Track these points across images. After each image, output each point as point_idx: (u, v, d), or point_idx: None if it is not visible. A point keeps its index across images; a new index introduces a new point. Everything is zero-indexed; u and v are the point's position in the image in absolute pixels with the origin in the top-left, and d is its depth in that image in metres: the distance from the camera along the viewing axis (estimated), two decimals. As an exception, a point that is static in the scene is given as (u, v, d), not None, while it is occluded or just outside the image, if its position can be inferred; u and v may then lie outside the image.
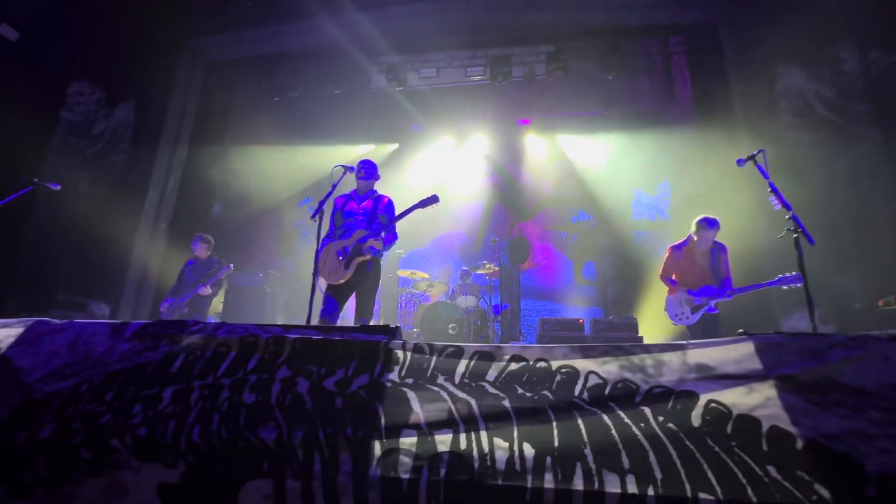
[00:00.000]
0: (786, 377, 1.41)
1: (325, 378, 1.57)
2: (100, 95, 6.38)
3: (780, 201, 2.56)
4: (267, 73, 7.30)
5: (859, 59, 4.97)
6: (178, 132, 6.65)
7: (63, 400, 1.58)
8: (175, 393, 1.56)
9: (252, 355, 1.66)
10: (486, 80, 7.00)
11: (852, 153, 4.89)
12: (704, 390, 1.42)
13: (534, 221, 7.68)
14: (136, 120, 6.38)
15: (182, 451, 1.40)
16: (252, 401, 1.52)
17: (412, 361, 1.60)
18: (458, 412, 1.44)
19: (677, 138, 6.34)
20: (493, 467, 1.29)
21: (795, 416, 1.32)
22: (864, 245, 4.58)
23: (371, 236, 3.29)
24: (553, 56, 6.70)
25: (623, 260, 6.93)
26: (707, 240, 3.91)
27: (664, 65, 6.95)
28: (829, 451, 1.24)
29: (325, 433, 1.40)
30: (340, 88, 7.23)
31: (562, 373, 1.53)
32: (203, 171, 6.65)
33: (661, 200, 7.22)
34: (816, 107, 5.16)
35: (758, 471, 1.23)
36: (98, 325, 1.83)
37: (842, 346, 1.48)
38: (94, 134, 6.30)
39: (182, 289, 4.92)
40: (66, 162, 6.10)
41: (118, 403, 1.54)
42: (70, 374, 1.68)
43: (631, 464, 1.27)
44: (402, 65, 7.00)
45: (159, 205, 6.38)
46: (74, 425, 1.49)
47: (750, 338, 1.54)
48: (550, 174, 7.69)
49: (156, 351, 1.70)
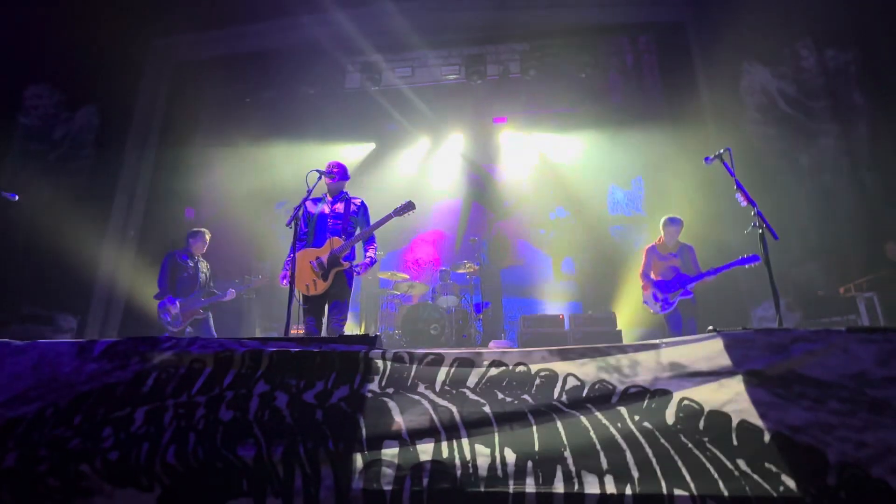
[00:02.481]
0: (753, 372, 1.47)
1: (304, 391, 1.55)
2: (59, 98, 6.11)
3: (745, 198, 2.65)
4: (238, 73, 7.11)
5: (817, 56, 5.18)
6: (145, 136, 6.42)
7: (27, 425, 1.52)
8: (148, 413, 1.52)
9: (228, 371, 1.63)
10: (461, 79, 7.00)
11: (813, 147, 5.10)
12: (678, 388, 1.47)
13: (512, 219, 7.74)
14: (99, 124, 6.12)
15: (157, 474, 1.36)
16: (229, 418, 1.49)
17: (392, 371, 1.59)
18: (440, 420, 1.44)
19: (650, 134, 6.49)
20: (475, 474, 1.31)
21: (763, 409, 1.38)
22: (825, 236, 4.79)
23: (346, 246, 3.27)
24: (527, 54, 6.76)
25: (600, 255, 7.06)
26: (672, 235, 4.28)
27: (635, 63, 7.09)
28: (794, 442, 1.30)
29: (305, 448, 1.38)
30: (315, 88, 7.12)
31: (541, 376, 1.55)
32: (173, 175, 6.45)
33: (635, 195, 7.38)
34: (779, 103, 5.36)
35: (729, 465, 1.28)
36: (63, 345, 1.76)
37: (805, 339, 1.54)
38: (54, 139, 6.03)
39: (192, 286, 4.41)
40: (27, 168, 5.81)
41: (87, 427, 1.49)
42: (34, 397, 1.61)
43: (609, 464, 1.30)
44: (377, 64, 6.93)
45: (127, 211, 6.15)
46: (40, 452, 1.43)
47: (719, 335, 1.59)
48: (527, 172, 7.76)
49: (126, 370, 1.65)
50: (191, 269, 4.55)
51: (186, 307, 4.39)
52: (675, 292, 4.10)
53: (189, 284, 4.49)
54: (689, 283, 4.05)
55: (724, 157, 2.82)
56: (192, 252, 4.63)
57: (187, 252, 4.62)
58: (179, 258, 4.57)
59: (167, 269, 4.51)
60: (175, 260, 4.56)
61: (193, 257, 4.63)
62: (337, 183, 3.48)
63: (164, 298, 4.39)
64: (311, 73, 7.04)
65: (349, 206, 3.47)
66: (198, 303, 4.42)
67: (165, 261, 4.56)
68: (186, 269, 4.53)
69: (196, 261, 4.63)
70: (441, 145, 7.92)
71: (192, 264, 4.59)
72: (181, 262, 4.55)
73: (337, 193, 3.52)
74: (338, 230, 3.37)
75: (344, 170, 3.54)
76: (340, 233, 3.36)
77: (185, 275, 4.51)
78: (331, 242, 3.28)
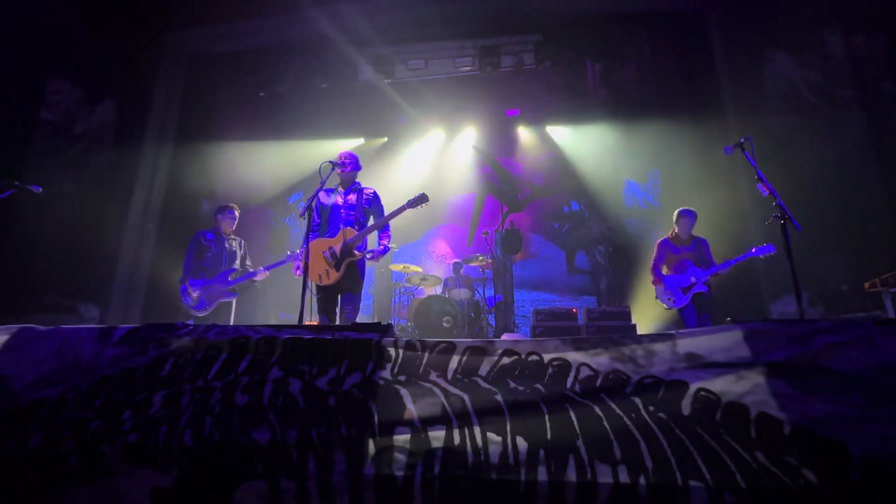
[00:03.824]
0: (773, 364, 1.43)
1: (317, 378, 1.56)
2: (80, 94, 6.24)
3: (767, 188, 2.58)
4: (252, 67, 7.17)
5: (844, 43, 4.99)
6: (162, 130, 6.53)
7: (50, 407, 1.56)
8: (165, 397, 1.55)
9: (243, 357, 1.65)
10: (474, 70, 6.95)
11: (839, 138, 4.93)
12: (694, 379, 1.44)
13: (525, 212, 7.69)
14: (118, 118, 6.25)
15: (175, 456, 1.39)
16: (244, 402, 1.51)
17: (404, 358, 1.60)
18: (452, 408, 1.44)
19: (666, 126, 6.35)
20: (486, 462, 1.30)
21: (783, 401, 1.34)
22: (850, 228, 4.64)
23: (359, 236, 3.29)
24: (541, 45, 6.66)
25: (615, 248, 6.97)
26: (686, 228, 4.20)
27: (652, 52, 6.93)
28: (816, 435, 1.26)
29: (318, 433, 1.40)
30: (327, 81, 7.15)
31: (553, 366, 1.54)
32: (189, 168, 6.55)
33: (651, 188, 7.26)
34: (803, 92, 5.19)
35: (746, 457, 1.25)
36: (85, 331, 1.81)
37: (827, 331, 1.50)
38: (76, 134, 6.17)
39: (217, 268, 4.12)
40: (50, 163, 5.97)
41: (107, 409, 1.53)
42: (57, 380, 1.66)
43: (623, 454, 1.29)
44: (390, 56, 6.91)
45: (146, 204, 6.28)
46: (63, 433, 1.47)
47: (738, 325, 1.56)
48: (541, 164, 7.69)
49: (144, 355, 1.69)
50: (215, 248, 4.27)
51: (212, 289, 4.11)
52: (689, 286, 4.03)
53: (214, 264, 4.20)
54: (703, 277, 3.98)
55: (745, 146, 2.75)
56: (219, 230, 4.35)
57: (213, 230, 4.35)
58: (203, 238, 4.30)
59: (192, 248, 4.26)
60: (199, 240, 4.29)
61: (220, 235, 4.34)
62: (349, 173, 3.50)
63: (187, 281, 4.14)
64: (324, 67, 7.07)
65: (361, 197, 3.49)
66: (225, 283, 4.14)
67: (191, 240, 4.31)
68: (210, 249, 4.25)
69: (223, 239, 4.35)
70: (454, 138, 7.89)
71: (218, 242, 4.30)
72: (204, 243, 4.27)
73: (349, 184, 3.53)
74: (351, 220, 3.39)
75: (356, 160, 3.56)
76: (353, 223, 3.38)
77: (208, 255, 4.24)
78: (344, 233, 3.30)
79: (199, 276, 4.17)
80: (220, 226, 4.35)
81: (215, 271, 4.19)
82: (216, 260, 4.24)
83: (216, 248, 4.28)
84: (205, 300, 4.08)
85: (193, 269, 4.19)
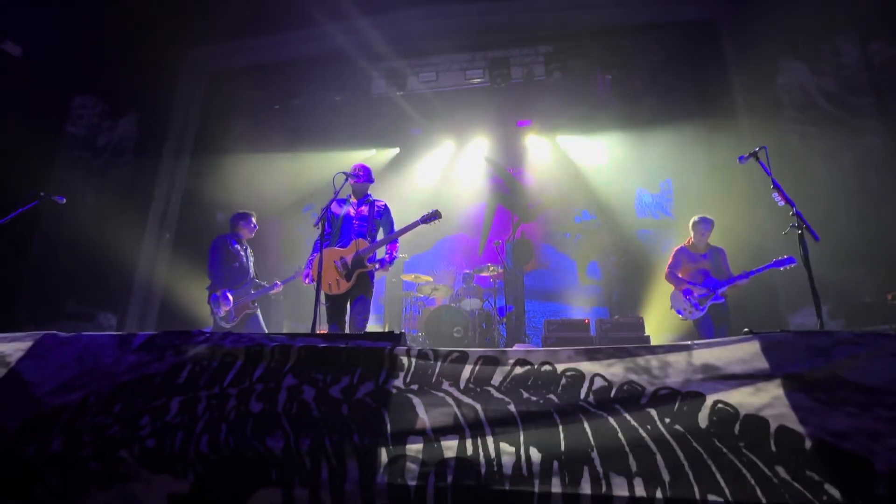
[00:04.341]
0: (792, 376, 1.40)
1: (330, 386, 1.57)
2: (103, 108, 6.45)
3: (783, 197, 2.55)
4: (268, 81, 7.35)
5: (860, 51, 4.94)
6: (180, 142, 6.71)
7: (72, 412, 1.60)
8: (182, 403, 1.57)
9: (258, 364, 1.67)
10: (485, 82, 7.01)
11: (857, 146, 4.85)
12: (711, 391, 1.41)
13: (536, 222, 7.67)
14: (139, 131, 6.44)
15: (191, 461, 1.41)
16: (259, 410, 1.53)
17: (417, 367, 1.60)
18: (464, 417, 1.44)
19: (679, 135, 6.31)
20: (499, 472, 1.29)
21: (803, 415, 1.31)
22: (871, 238, 4.54)
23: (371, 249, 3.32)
24: (551, 56, 6.71)
25: (628, 259, 6.90)
26: (702, 236, 4.12)
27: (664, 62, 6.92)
28: (838, 449, 1.23)
29: (331, 441, 1.40)
30: (341, 94, 7.27)
31: (567, 376, 1.53)
32: (206, 180, 6.70)
33: (664, 198, 7.19)
34: (819, 100, 5.13)
35: (767, 471, 1.22)
36: (105, 338, 1.85)
37: (849, 343, 1.47)
38: (98, 146, 6.37)
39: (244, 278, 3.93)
40: (73, 175, 6.16)
41: (126, 415, 1.56)
42: (78, 386, 1.70)
43: (638, 466, 1.27)
44: (402, 69, 7.02)
45: (163, 215, 6.43)
46: (83, 437, 1.50)
47: (755, 337, 1.53)
48: (552, 175, 7.68)
49: (162, 362, 1.72)
50: (242, 257, 4.08)
51: (239, 300, 3.94)
52: (706, 297, 3.96)
53: (241, 274, 4.01)
54: (720, 288, 3.90)
55: (759, 155, 2.72)
56: (241, 237, 4.16)
57: (236, 237, 4.13)
58: (231, 244, 4.05)
59: (220, 255, 3.98)
60: (226, 247, 4.02)
61: (242, 243, 4.16)
62: (362, 185, 3.54)
63: (219, 291, 3.83)
64: (337, 81, 7.20)
65: (373, 209, 3.53)
66: (248, 295, 3.99)
67: (216, 246, 4.03)
68: (238, 258, 4.03)
69: (245, 247, 4.18)
70: (465, 149, 7.94)
71: (243, 251, 4.12)
72: (232, 250, 4.02)
73: (362, 196, 3.58)
74: (363, 232, 3.43)
75: (368, 172, 3.60)
76: (365, 235, 3.42)
77: (236, 264, 4.02)
78: (356, 244, 3.33)
79: (229, 285, 3.96)
80: (241, 232, 4.20)
81: (241, 282, 4.04)
82: (242, 270, 4.08)
83: (242, 258, 4.12)
84: (233, 312, 3.94)
85: (224, 277, 3.98)
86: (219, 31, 6.48)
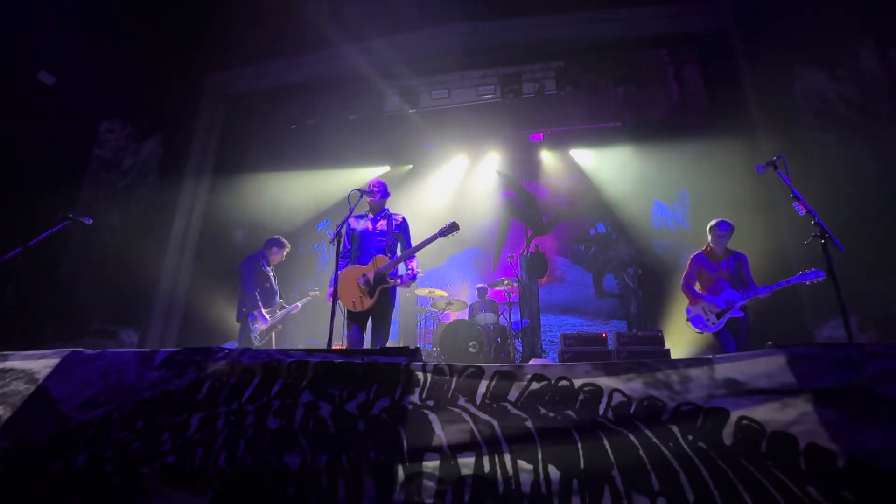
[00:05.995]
0: (821, 391, 1.35)
1: (346, 401, 1.57)
2: (129, 132, 6.72)
3: (804, 206, 2.49)
4: (285, 102, 7.57)
5: (879, 56, 4.85)
6: (201, 163, 6.93)
7: (96, 428, 1.63)
8: (202, 420, 1.59)
9: (275, 380, 1.68)
10: (496, 98, 7.09)
11: (879, 152, 4.73)
12: (735, 407, 1.37)
13: (551, 236, 7.63)
14: (162, 153, 6.68)
15: (210, 478, 1.42)
16: (276, 426, 1.53)
17: (433, 383, 1.59)
18: (481, 434, 1.42)
19: (694, 146, 6.26)
20: (518, 490, 1.27)
21: (834, 431, 1.26)
22: (900, 247, 4.38)
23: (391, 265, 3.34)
24: (563, 71, 6.76)
25: (645, 270, 6.80)
26: (720, 241, 3.94)
27: (677, 74, 6.92)
28: (874, 469, 1.17)
29: (348, 457, 1.40)
30: (355, 113, 7.44)
31: (585, 391, 1.50)
32: (225, 200, 6.88)
33: (680, 209, 7.10)
34: (838, 107, 5.03)
35: (797, 492, 1.17)
36: (128, 354, 1.89)
37: (882, 356, 1.41)
38: (124, 168, 6.62)
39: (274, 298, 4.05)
40: (99, 196, 6.40)
41: (147, 431, 1.58)
42: (102, 402, 1.73)
43: (661, 486, 1.23)
44: (415, 87, 7.16)
45: (185, 233, 6.60)
46: (106, 453, 1.53)
47: (780, 350, 1.48)
48: (565, 188, 7.67)
49: (183, 378, 1.75)
50: (272, 278, 4.23)
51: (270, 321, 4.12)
52: (723, 311, 3.78)
53: (271, 296, 4.15)
54: (739, 303, 3.70)
55: (777, 164, 2.68)
56: (269, 260, 4.31)
57: (266, 259, 4.27)
58: (263, 266, 4.18)
59: (254, 277, 4.07)
60: (260, 268, 4.15)
61: (270, 265, 4.33)
62: (378, 200, 3.58)
63: (257, 311, 3.93)
64: (352, 99, 7.38)
65: (392, 223, 3.56)
66: (276, 316, 4.14)
67: (250, 266, 4.12)
68: (269, 279, 4.17)
69: (273, 268, 4.35)
70: (478, 164, 8.00)
71: (272, 273, 4.26)
72: (264, 271, 4.15)
73: (378, 211, 3.62)
74: (382, 247, 3.45)
75: (384, 188, 3.65)
76: (385, 250, 3.44)
77: (267, 285, 4.16)
78: (375, 261, 3.35)
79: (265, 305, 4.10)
80: (272, 256, 4.32)
81: (272, 303, 4.19)
82: (273, 291, 4.24)
83: (272, 280, 4.27)
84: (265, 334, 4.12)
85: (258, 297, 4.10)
86: (238, 56, 6.74)
